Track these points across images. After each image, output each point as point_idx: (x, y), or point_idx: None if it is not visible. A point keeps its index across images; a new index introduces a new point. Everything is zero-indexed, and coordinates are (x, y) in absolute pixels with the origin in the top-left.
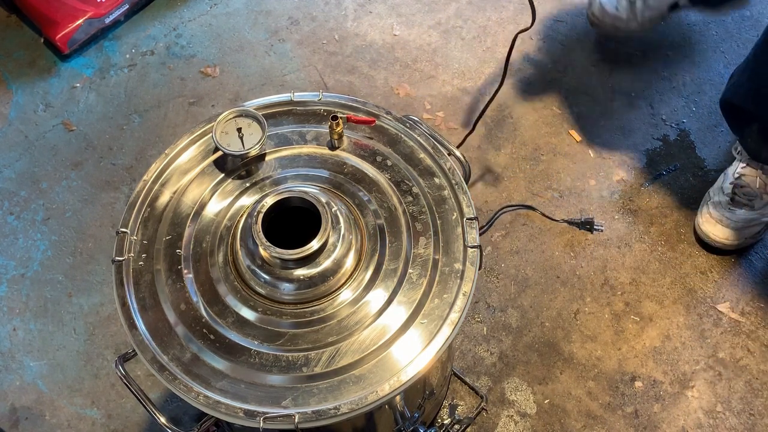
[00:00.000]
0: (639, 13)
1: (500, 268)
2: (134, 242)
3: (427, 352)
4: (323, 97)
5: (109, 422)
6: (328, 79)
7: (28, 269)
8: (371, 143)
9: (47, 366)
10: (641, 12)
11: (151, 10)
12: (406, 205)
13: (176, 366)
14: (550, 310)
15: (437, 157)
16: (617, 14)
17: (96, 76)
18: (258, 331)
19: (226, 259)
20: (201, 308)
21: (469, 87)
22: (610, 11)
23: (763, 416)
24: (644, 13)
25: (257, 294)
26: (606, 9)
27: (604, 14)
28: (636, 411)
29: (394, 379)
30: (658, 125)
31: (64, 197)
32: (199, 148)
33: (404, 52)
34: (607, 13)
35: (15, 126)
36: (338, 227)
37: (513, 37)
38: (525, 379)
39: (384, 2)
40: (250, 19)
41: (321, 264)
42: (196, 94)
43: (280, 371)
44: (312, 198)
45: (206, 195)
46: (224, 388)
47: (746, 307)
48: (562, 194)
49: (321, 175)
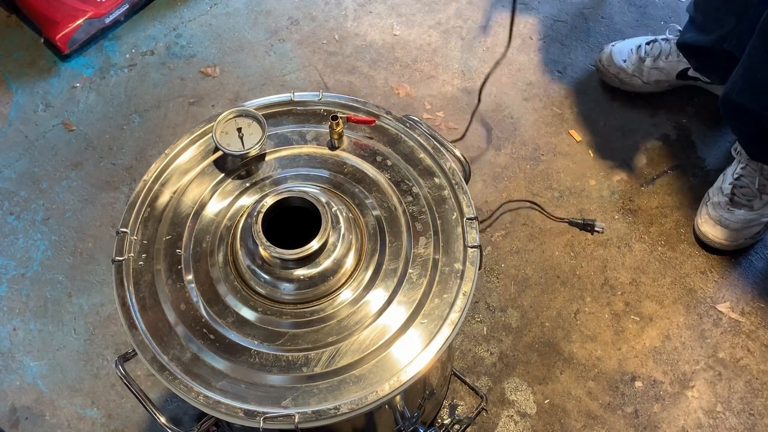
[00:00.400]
0: (646, 71)
1: (500, 268)
2: (134, 242)
3: (427, 352)
4: (323, 97)
5: (109, 422)
6: (328, 79)
7: (28, 269)
8: (371, 143)
9: (47, 366)
10: (648, 71)
11: (151, 10)
12: (406, 205)
13: (176, 366)
14: (550, 310)
15: (437, 157)
16: (623, 67)
17: (96, 76)
18: (258, 331)
19: (226, 259)
20: (201, 308)
21: (469, 87)
22: (618, 62)
23: (763, 416)
24: (651, 73)
25: (257, 294)
26: (614, 59)
27: (611, 63)
28: (636, 411)
29: (394, 379)
30: (658, 125)
31: (64, 197)
32: (199, 148)
33: (404, 52)
34: (614, 63)
35: (15, 126)
36: (338, 227)
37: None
38: (525, 379)
39: (384, 2)
40: (250, 19)
41: (321, 264)
42: (196, 94)
43: (280, 371)
44: (312, 198)
45: (206, 195)
46: (224, 388)
47: (746, 307)
48: (562, 194)
49: (321, 175)
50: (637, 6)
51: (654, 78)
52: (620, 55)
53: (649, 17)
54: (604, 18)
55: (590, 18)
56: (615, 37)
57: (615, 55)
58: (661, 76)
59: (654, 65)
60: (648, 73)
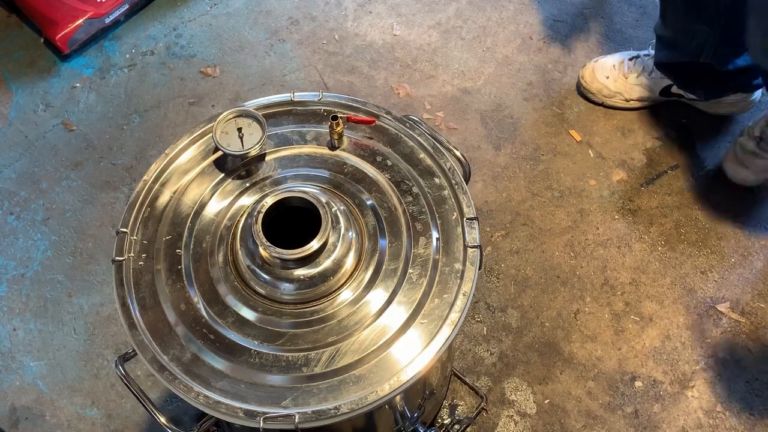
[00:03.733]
0: (629, 88)
1: (500, 268)
2: (134, 242)
3: (427, 352)
4: (323, 97)
5: (109, 422)
6: (328, 79)
7: (28, 269)
8: (371, 143)
9: (47, 366)
10: (630, 88)
11: (151, 10)
12: (406, 205)
13: (176, 366)
14: (550, 310)
15: (437, 157)
16: (605, 84)
17: (96, 76)
18: (258, 331)
19: (226, 259)
20: (201, 308)
21: (469, 87)
22: (600, 78)
23: (764, 416)
24: (633, 90)
25: (257, 294)
26: (596, 74)
27: (593, 80)
28: (636, 411)
29: (394, 379)
30: (658, 125)
31: (64, 197)
32: (199, 148)
33: (404, 52)
34: (596, 78)
35: (15, 126)
36: (338, 227)
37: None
38: (525, 379)
39: (384, 2)
40: (250, 19)
41: (321, 264)
42: (196, 94)
43: (280, 371)
44: (312, 198)
45: (206, 195)
46: (224, 388)
47: (746, 307)
48: (562, 194)
49: (321, 175)
50: (637, 6)
51: (636, 95)
52: (602, 72)
53: (650, 17)
54: (604, 18)
55: (590, 18)
56: (615, 37)
57: (597, 72)
58: (644, 92)
59: (636, 82)
60: (631, 89)
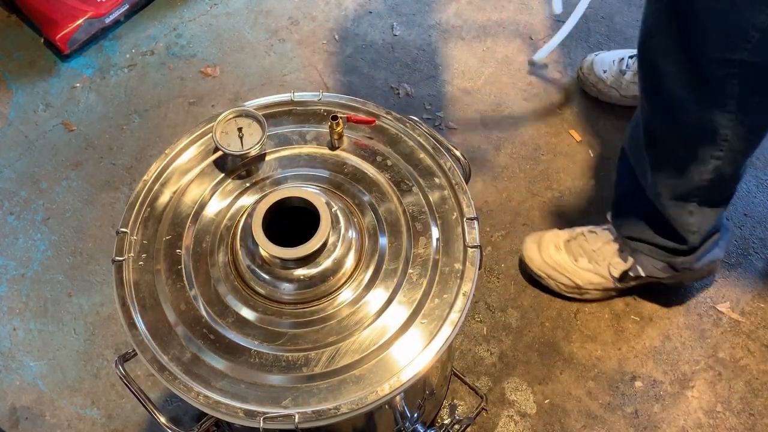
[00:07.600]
0: (624, 84)
1: (500, 268)
2: (134, 242)
3: (427, 352)
4: (323, 97)
5: (109, 422)
6: (328, 79)
7: (28, 269)
8: (371, 143)
9: (47, 366)
10: (627, 85)
11: (151, 10)
12: (406, 205)
13: (176, 366)
14: (550, 310)
15: (437, 157)
16: (602, 78)
17: (96, 76)
18: (258, 331)
19: (226, 259)
20: (201, 308)
21: (469, 87)
22: (597, 72)
23: (763, 416)
24: (629, 87)
25: (257, 294)
26: (595, 68)
27: (591, 72)
28: (636, 411)
29: (394, 379)
30: None
31: (64, 197)
32: (199, 148)
33: (404, 52)
34: (594, 72)
35: (15, 126)
36: (338, 227)
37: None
38: (525, 379)
39: (384, 2)
40: (250, 19)
41: (321, 264)
42: (196, 94)
43: (280, 371)
44: (312, 198)
45: (206, 195)
46: (224, 388)
47: (746, 307)
48: (562, 194)
49: (321, 175)
50: (637, 6)
51: (632, 93)
52: (601, 66)
53: None
54: (604, 18)
55: (590, 18)
56: (615, 37)
57: (596, 65)
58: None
59: (633, 79)
60: (626, 86)
